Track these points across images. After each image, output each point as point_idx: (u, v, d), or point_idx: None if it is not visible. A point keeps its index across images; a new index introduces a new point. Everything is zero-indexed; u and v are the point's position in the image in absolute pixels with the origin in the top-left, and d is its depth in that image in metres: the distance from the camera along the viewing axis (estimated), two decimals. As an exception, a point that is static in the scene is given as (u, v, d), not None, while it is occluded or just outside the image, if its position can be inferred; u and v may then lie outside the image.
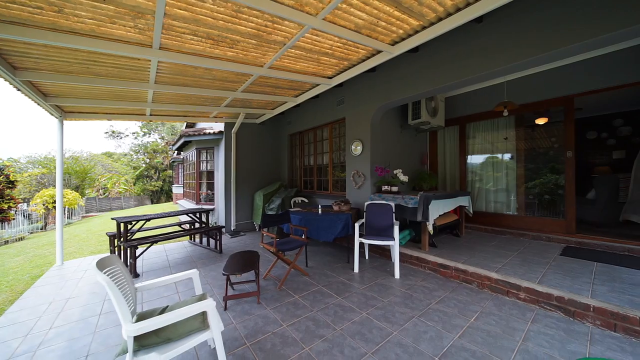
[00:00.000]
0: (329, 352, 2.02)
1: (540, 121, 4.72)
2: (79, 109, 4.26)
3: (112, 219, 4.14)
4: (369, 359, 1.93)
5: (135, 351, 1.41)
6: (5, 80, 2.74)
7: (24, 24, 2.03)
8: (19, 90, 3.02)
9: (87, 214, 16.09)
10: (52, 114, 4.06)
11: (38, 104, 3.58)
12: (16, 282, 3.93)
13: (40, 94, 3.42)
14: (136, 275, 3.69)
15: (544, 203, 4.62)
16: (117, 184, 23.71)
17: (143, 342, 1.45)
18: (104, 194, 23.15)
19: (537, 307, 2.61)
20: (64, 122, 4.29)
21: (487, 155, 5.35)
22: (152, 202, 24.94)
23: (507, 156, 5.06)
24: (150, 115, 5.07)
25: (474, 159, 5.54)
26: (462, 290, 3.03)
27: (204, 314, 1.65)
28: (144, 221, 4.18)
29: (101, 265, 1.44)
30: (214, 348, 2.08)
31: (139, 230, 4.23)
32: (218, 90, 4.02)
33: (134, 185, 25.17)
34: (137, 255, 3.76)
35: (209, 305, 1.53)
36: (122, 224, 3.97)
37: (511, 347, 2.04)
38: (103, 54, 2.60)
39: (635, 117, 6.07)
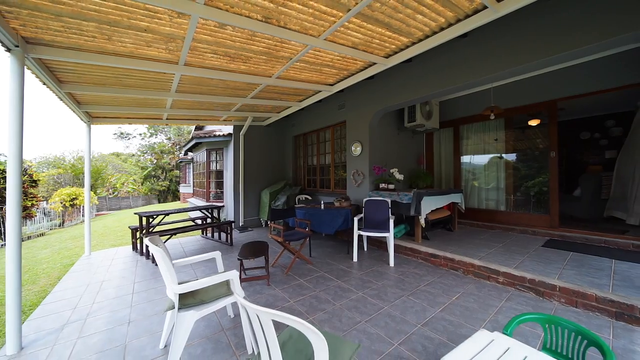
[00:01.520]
0: (329, 320, 2.41)
1: (533, 122, 5.06)
2: (105, 114, 4.72)
3: (135, 213, 4.58)
4: (362, 325, 2.32)
5: (178, 309, 1.82)
6: (52, 91, 3.19)
7: (78, 49, 2.46)
8: (60, 100, 3.47)
9: (99, 212, 16.72)
10: (81, 119, 4.52)
11: (73, 111, 4.04)
12: (50, 269, 4.40)
13: (76, 102, 3.87)
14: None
15: (530, 200, 4.95)
16: (125, 184, 24.43)
17: (183, 302, 1.86)
18: (113, 193, 23.87)
19: (513, 288, 2.97)
20: (91, 126, 4.75)
21: (479, 155, 5.69)
22: (159, 202, 25.60)
23: (497, 156, 5.39)
24: (167, 119, 5.52)
25: (468, 159, 5.88)
26: (449, 276, 3.40)
27: (228, 284, 2.06)
28: (163, 215, 4.62)
29: (152, 241, 1.86)
30: (233, 317, 2.50)
31: (158, 224, 4.67)
32: (229, 97, 4.44)
33: (142, 185, 25.87)
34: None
35: (234, 274, 1.93)
36: (144, 218, 4.42)
37: (484, 318, 2.41)
38: (136, 70, 3.02)
39: (626, 118, 6.34)
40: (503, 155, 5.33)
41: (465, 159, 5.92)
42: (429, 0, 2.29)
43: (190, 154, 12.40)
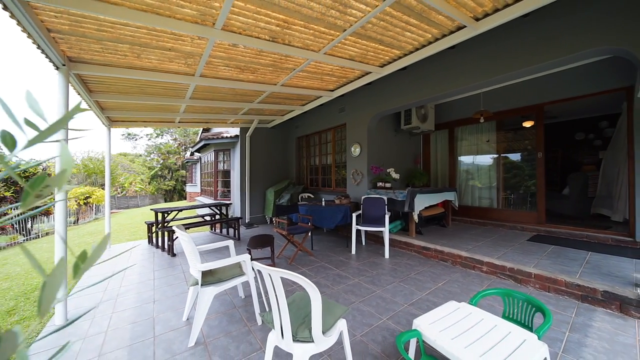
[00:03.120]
0: (327, 301, 2.76)
1: (528, 124, 5.33)
2: (123, 118, 5.13)
3: (151, 209, 4.98)
4: (356, 305, 2.66)
5: (201, 285, 2.19)
6: (83, 100, 3.60)
7: (110, 65, 2.85)
8: (89, 107, 3.88)
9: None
10: (103, 123, 4.94)
11: (97, 116, 4.46)
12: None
13: (100, 108, 4.28)
14: (173, 254, 4.52)
15: (519, 198, 5.23)
16: (133, 183, 25.08)
17: (204, 279, 2.22)
18: (122, 192, 24.53)
19: (495, 276, 3.29)
20: (111, 129, 5.17)
21: (473, 156, 5.98)
22: (165, 201, 26.21)
23: (489, 156, 5.68)
24: (179, 122, 5.92)
25: (462, 159, 6.17)
26: (438, 266, 3.72)
27: (240, 266, 2.42)
28: (176, 211, 5.01)
29: (179, 228, 2.22)
30: (244, 298, 2.86)
31: (172, 219, 5.06)
32: (238, 102, 4.81)
33: (149, 184, 26.51)
34: (173, 238, 4.58)
35: (246, 257, 2.29)
36: (159, 214, 4.81)
37: (464, 300, 2.73)
38: (157, 81, 3.41)
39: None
40: (495, 155, 5.61)
41: (459, 159, 6.21)
42: (414, 21, 2.62)
43: (197, 154, 12.85)
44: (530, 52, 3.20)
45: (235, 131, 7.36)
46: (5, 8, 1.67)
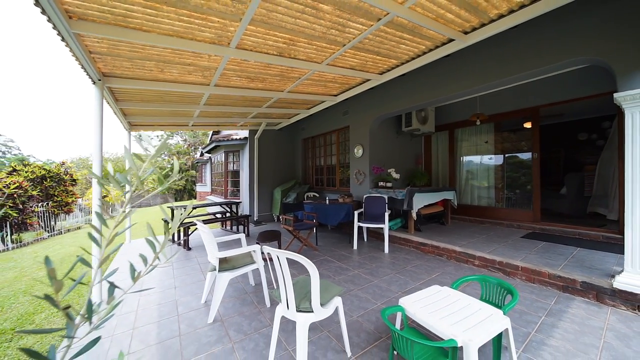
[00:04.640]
0: (329, 288, 3.06)
1: (527, 125, 5.50)
2: (142, 122, 5.56)
3: (168, 207, 5.38)
4: (355, 292, 2.96)
5: (218, 271, 2.52)
6: (110, 107, 4.01)
7: (137, 78, 3.23)
8: (114, 113, 4.30)
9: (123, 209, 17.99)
10: (124, 127, 5.37)
11: (120, 121, 4.88)
12: (100, 253, 5.26)
13: (123, 114, 4.70)
14: (189, 248, 4.90)
15: (516, 197, 5.41)
16: (145, 183, 25.88)
17: (220, 266, 2.56)
18: (134, 191, 25.35)
19: (486, 269, 3.52)
20: (130, 132, 5.60)
21: (472, 157, 6.18)
22: (176, 200, 26.98)
23: (487, 157, 5.87)
24: (192, 125, 6.31)
25: (462, 160, 6.37)
26: (434, 260, 3.98)
27: (251, 255, 2.75)
28: (191, 209, 5.39)
29: (199, 222, 2.57)
30: (254, 285, 3.19)
31: (187, 216, 5.45)
32: (247, 107, 5.16)
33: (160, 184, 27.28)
34: (189, 234, 4.97)
35: (257, 247, 2.62)
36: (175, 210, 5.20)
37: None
38: (176, 90, 3.78)
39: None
40: (493, 156, 5.80)
41: (459, 159, 6.41)
42: (407, 36, 2.89)
43: (207, 155, 13.34)
44: (520, 59, 3.43)
45: (244, 133, 7.74)
46: (63, 39, 2.04)
